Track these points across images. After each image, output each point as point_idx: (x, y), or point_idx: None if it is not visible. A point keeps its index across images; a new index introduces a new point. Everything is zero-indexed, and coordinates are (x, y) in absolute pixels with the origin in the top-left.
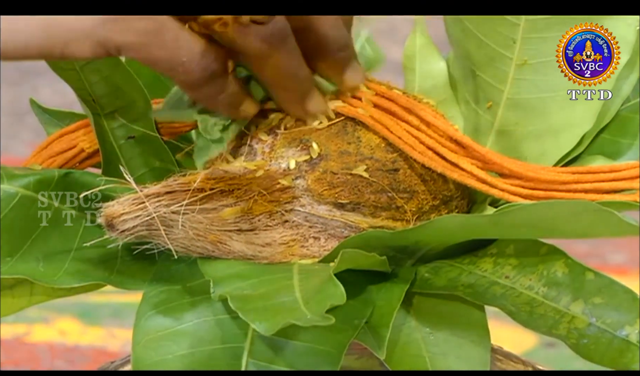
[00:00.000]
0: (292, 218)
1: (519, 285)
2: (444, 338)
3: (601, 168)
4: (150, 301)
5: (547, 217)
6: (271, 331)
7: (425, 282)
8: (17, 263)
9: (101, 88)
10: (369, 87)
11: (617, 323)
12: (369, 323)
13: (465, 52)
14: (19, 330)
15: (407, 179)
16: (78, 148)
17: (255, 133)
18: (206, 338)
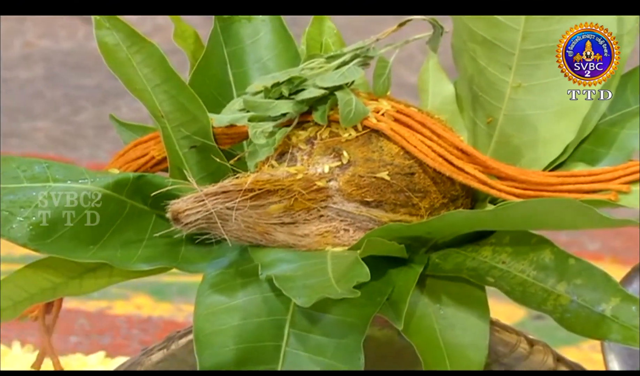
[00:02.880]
0: (326, 213)
1: (513, 269)
2: (451, 312)
3: (582, 173)
4: (208, 282)
5: (537, 213)
6: (308, 304)
7: (435, 266)
8: (99, 250)
9: (168, 106)
10: (391, 105)
11: (595, 300)
12: (389, 300)
13: (470, 77)
14: (102, 304)
15: (422, 181)
16: (149, 156)
17: (295, 143)
18: (255, 311)
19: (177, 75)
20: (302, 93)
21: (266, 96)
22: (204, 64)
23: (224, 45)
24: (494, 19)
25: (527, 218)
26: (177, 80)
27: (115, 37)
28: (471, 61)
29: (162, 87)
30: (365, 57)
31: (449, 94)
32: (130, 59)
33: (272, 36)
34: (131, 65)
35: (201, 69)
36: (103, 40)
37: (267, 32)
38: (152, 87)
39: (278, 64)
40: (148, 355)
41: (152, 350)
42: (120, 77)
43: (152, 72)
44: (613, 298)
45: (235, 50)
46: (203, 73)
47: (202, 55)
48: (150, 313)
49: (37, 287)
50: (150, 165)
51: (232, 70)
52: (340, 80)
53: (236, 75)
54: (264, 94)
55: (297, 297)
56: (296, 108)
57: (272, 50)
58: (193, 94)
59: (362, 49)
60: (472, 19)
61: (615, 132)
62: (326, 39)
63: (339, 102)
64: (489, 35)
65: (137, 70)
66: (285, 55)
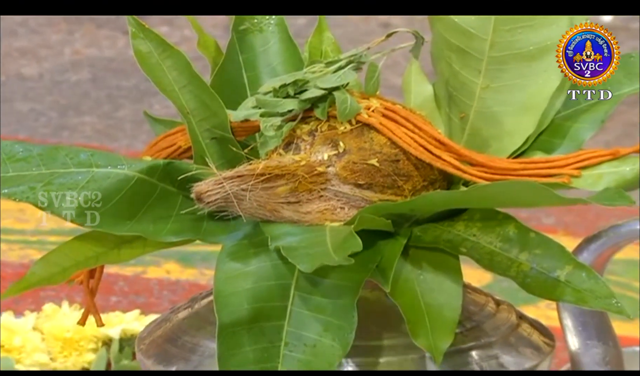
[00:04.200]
0: (325, 194)
1: (482, 240)
2: (430, 277)
3: (540, 160)
4: (226, 251)
5: (503, 193)
6: (310, 270)
7: (417, 238)
8: (135, 224)
9: (193, 103)
10: (380, 103)
11: (551, 267)
12: (378, 267)
13: (446, 79)
14: (138, 269)
15: (405, 167)
16: (177, 146)
17: (299, 134)
18: (265, 276)
19: (200, 77)
20: (305, 93)
21: (275, 95)
22: (223, 69)
23: (240, 53)
24: (467, 30)
25: (494, 198)
26: (200, 82)
27: (148, 45)
28: (447, 66)
29: (188, 87)
30: (358, 62)
31: (429, 93)
32: (160, 64)
33: (280, 45)
34: (161, 69)
35: (220, 73)
36: (138, 48)
37: (276, 41)
38: (179, 88)
39: (285, 69)
40: (175, 313)
41: (179, 309)
42: (153, 79)
43: (179, 75)
44: (567, 266)
45: (249, 57)
46: (222, 76)
47: (221, 61)
48: (178, 277)
49: (83, 256)
50: (178, 154)
51: (246, 73)
52: (337, 82)
53: (250, 78)
54: (273, 93)
55: (301, 264)
56: (300, 105)
57: (279, 57)
58: (213, 94)
59: (356, 56)
60: (447, 30)
61: (568, 126)
62: (325, 47)
63: (337, 100)
64: (462, 44)
65: (167, 74)
66: (291, 61)
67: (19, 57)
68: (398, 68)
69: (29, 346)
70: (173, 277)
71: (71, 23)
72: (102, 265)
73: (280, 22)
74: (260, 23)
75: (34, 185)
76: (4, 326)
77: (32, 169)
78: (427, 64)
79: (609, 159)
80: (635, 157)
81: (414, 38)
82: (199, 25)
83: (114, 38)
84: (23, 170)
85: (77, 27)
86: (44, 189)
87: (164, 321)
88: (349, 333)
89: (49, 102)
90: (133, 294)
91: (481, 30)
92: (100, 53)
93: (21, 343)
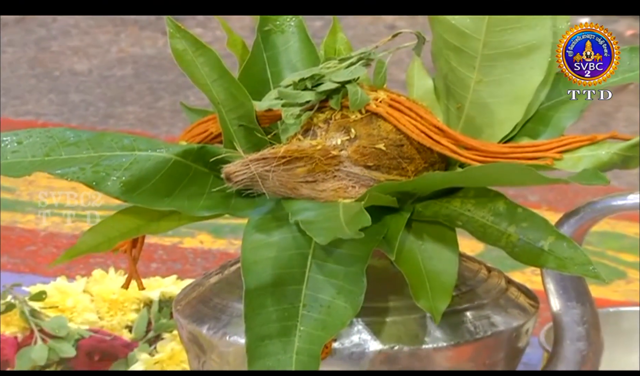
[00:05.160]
0: (338, 174)
1: (476, 215)
2: (430, 247)
3: (527, 144)
4: (252, 224)
5: (494, 174)
6: (325, 242)
7: (419, 213)
8: (172, 201)
9: (223, 95)
10: (386, 95)
11: (536, 238)
12: (385, 238)
13: (444, 74)
14: (175, 240)
15: (409, 151)
16: (209, 132)
17: (316, 122)
18: (286, 246)
19: (229, 72)
20: (321, 86)
21: (295, 88)
22: (249, 65)
23: (264, 51)
24: (463, 31)
25: (486, 178)
26: (229, 77)
27: (184, 44)
28: (445, 63)
29: (218, 81)
30: (367, 59)
31: (429, 86)
32: (194, 60)
33: (299, 44)
34: (195, 65)
35: (247, 68)
36: (175, 46)
37: (296, 41)
38: (210, 82)
39: (303, 65)
40: (208, 278)
41: (210, 274)
42: (188, 74)
43: (211, 70)
44: (549, 237)
45: (272, 55)
46: (248, 71)
47: (248, 58)
48: (210, 246)
49: (126, 227)
50: (209, 139)
51: (269, 69)
52: (349, 76)
53: (272, 73)
54: (293, 86)
55: (317, 236)
56: (317, 97)
57: (299, 55)
58: (241, 86)
59: (365, 54)
60: (445, 31)
61: (551, 115)
62: (339, 46)
63: (349, 92)
64: (458, 43)
65: (200, 69)
66: (309, 58)
67: (72, 55)
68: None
69: (79, 306)
70: (206, 247)
71: (117, 25)
72: (143, 236)
73: (299, 24)
74: (282, 25)
75: (84, 166)
76: (58, 289)
77: (82, 152)
78: (427, 61)
79: (587, 144)
80: (610, 142)
81: (417, 38)
82: (228, 26)
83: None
84: (74, 153)
85: (122, 28)
86: (92, 170)
87: (198, 285)
88: (359, 296)
89: (98, 94)
90: (171, 261)
91: (475, 31)
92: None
93: (73, 304)
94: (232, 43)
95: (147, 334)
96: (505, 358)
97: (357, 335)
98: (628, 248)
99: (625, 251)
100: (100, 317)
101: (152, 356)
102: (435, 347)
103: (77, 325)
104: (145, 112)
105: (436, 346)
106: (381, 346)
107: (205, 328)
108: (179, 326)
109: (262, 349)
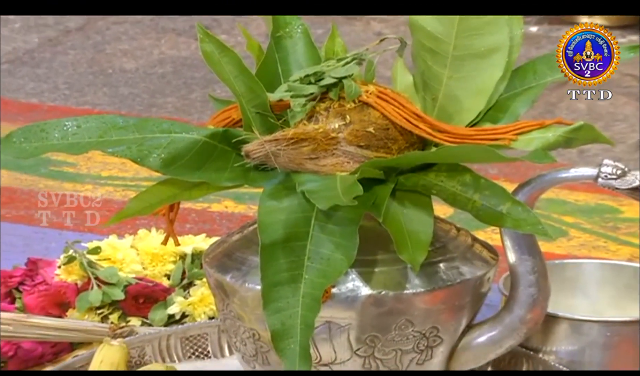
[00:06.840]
0: (336, 152)
1: (448, 185)
2: (410, 211)
3: (488, 129)
4: (267, 192)
5: (462, 153)
6: (325, 207)
7: (401, 184)
8: (201, 173)
9: (243, 88)
10: (375, 88)
11: (496, 203)
12: (374, 204)
13: (422, 71)
14: (204, 205)
15: (393, 133)
16: (231, 118)
17: (318, 110)
18: (294, 210)
19: (248, 70)
20: (322, 81)
21: (301, 82)
22: (264, 64)
23: (276, 52)
24: (436, 36)
25: (456, 156)
26: (248, 73)
27: (212, 47)
28: (422, 62)
29: (239, 77)
30: (360, 59)
31: (410, 81)
32: (220, 60)
33: (305, 47)
34: (221, 64)
35: (262, 67)
36: (204, 49)
37: (302, 45)
38: (233, 77)
39: (308, 64)
40: (231, 236)
41: (233, 233)
42: (215, 71)
43: (233, 68)
44: (507, 203)
45: (283, 56)
46: (264, 69)
47: (263, 58)
48: (233, 211)
49: (165, 195)
50: (232, 124)
51: (280, 67)
52: (345, 73)
53: (283, 71)
54: (299, 81)
55: (319, 203)
56: (319, 90)
57: (304, 55)
58: (258, 81)
59: (358, 55)
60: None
61: (509, 104)
62: (336, 49)
63: (345, 86)
64: (433, 46)
65: (224, 67)
66: (312, 58)
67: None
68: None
69: (128, 259)
70: (229, 211)
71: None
72: (178, 202)
73: (305, 31)
74: (291, 31)
75: (131, 146)
76: (110, 245)
77: (129, 135)
78: (408, 61)
79: (537, 128)
80: (556, 127)
81: (399, 42)
82: (247, 33)
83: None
84: (122, 135)
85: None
86: (137, 148)
87: (223, 242)
88: (353, 250)
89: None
90: (201, 223)
91: (447, 37)
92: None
93: (122, 257)
94: (251, 46)
95: (182, 281)
96: (471, 301)
97: (352, 282)
98: (569, 211)
99: (567, 214)
100: (144, 268)
101: (185, 299)
102: (414, 292)
103: (126, 274)
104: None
105: (415, 292)
106: (371, 291)
107: (229, 277)
108: (207, 275)
109: (274, 293)
